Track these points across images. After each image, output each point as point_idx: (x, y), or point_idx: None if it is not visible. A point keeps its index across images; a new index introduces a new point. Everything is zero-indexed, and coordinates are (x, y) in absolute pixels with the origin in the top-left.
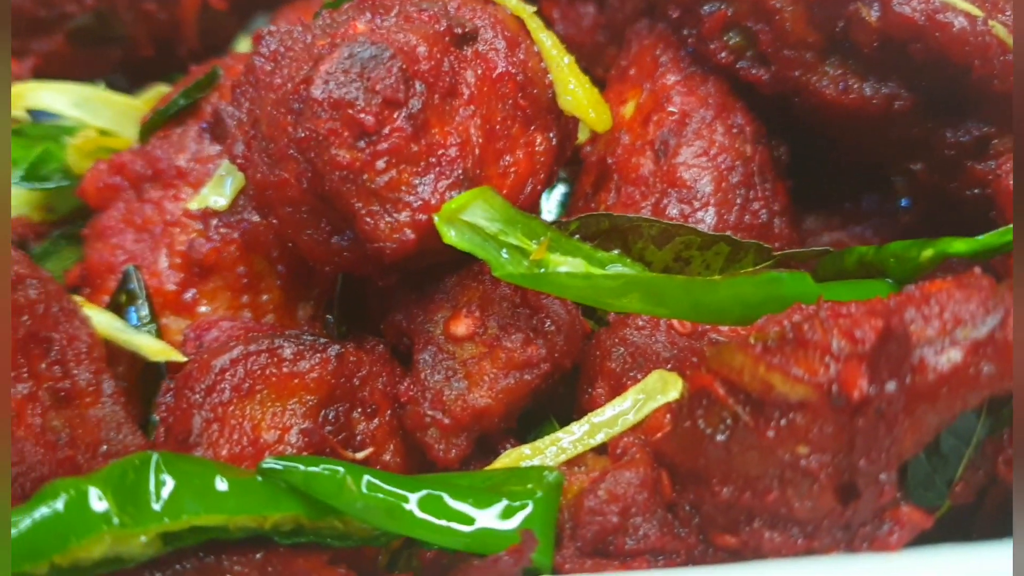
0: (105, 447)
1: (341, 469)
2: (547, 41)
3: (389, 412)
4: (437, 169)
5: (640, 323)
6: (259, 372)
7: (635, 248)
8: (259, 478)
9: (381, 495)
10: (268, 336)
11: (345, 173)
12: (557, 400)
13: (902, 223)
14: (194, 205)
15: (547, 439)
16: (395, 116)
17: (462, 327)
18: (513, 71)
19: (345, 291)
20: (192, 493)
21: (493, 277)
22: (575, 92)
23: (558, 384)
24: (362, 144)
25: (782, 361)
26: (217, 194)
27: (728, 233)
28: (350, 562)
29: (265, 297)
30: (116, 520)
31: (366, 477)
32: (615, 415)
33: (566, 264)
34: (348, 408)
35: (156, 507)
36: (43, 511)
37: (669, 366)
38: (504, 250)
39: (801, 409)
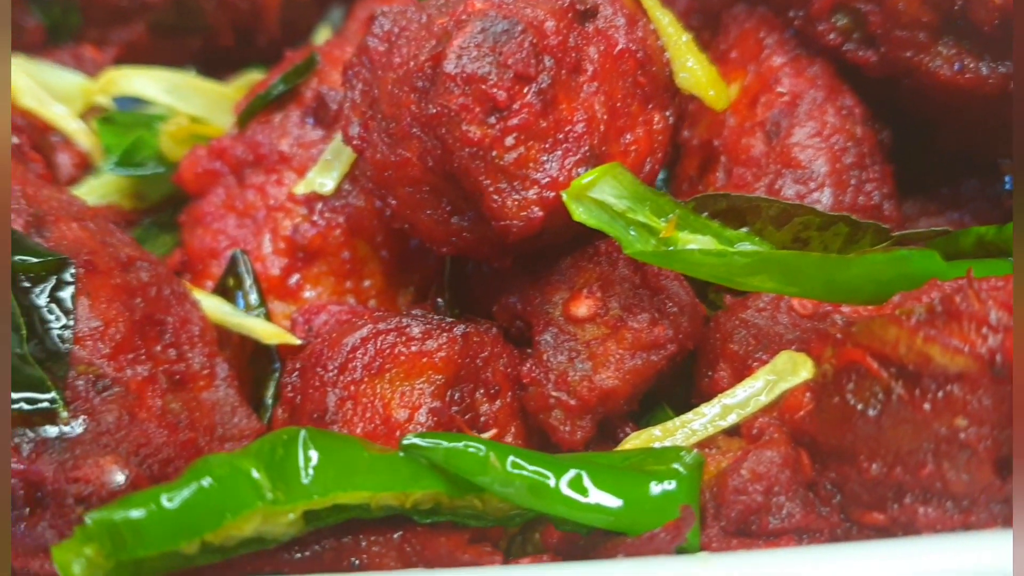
0: (220, 430)
1: (483, 447)
2: (664, 19)
3: (510, 394)
4: (565, 146)
5: (761, 305)
6: (388, 351)
7: (753, 228)
8: (401, 454)
9: (526, 473)
10: (395, 315)
11: (475, 150)
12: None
13: (1006, 206)
14: (300, 189)
15: (677, 421)
16: (525, 91)
17: (583, 308)
18: (633, 48)
19: (452, 275)
20: (338, 469)
21: (611, 258)
22: (693, 70)
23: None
24: (492, 120)
25: (939, 333)
26: (323, 178)
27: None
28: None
29: (367, 283)
30: (270, 495)
31: (511, 455)
32: (747, 396)
33: (695, 242)
34: (472, 389)
35: (306, 483)
36: (197, 487)
37: (794, 347)
38: (631, 228)
39: (959, 381)
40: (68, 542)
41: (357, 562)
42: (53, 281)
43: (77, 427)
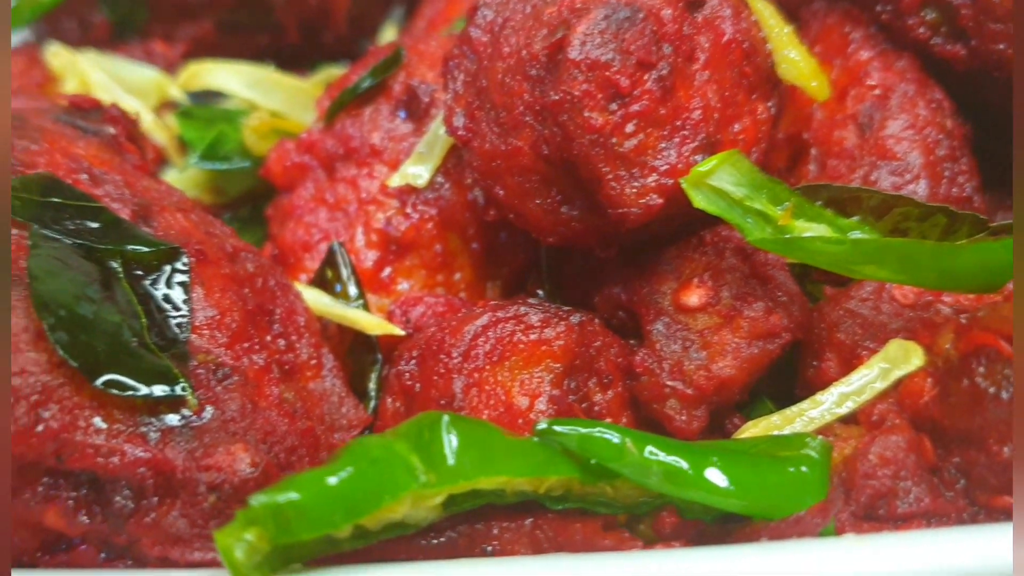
0: (329, 420)
1: (619, 434)
2: (765, 10)
3: (621, 384)
4: (682, 133)
5: (864, 295)
6: (508, 338)
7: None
8: (536, 440)
9: (663, 459)
10: (512, 303)
11: (596, 136)
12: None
13: None
14: (395, 182)
15: (795, 408)
16: (646, 79)
17: (694, 297)
18: (739, 38)
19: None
20: (479, 453)
21: (717, 248)
22: (795, 61)
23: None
24: (614, 107)
25: None
26: (418, 171)
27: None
28: None
29: (457, 276)
30: (423, 478)
31: (647, 442)
32: (863, 384)
33: (810, 230)
34: (585, 378)
35: (452, 466)
36: (356, 469)
37: (900, 336)
38: (748, 216)
39: None
40: (229, 526)
41: (490, 548)
42: (167, 271)
43: (204, 415)
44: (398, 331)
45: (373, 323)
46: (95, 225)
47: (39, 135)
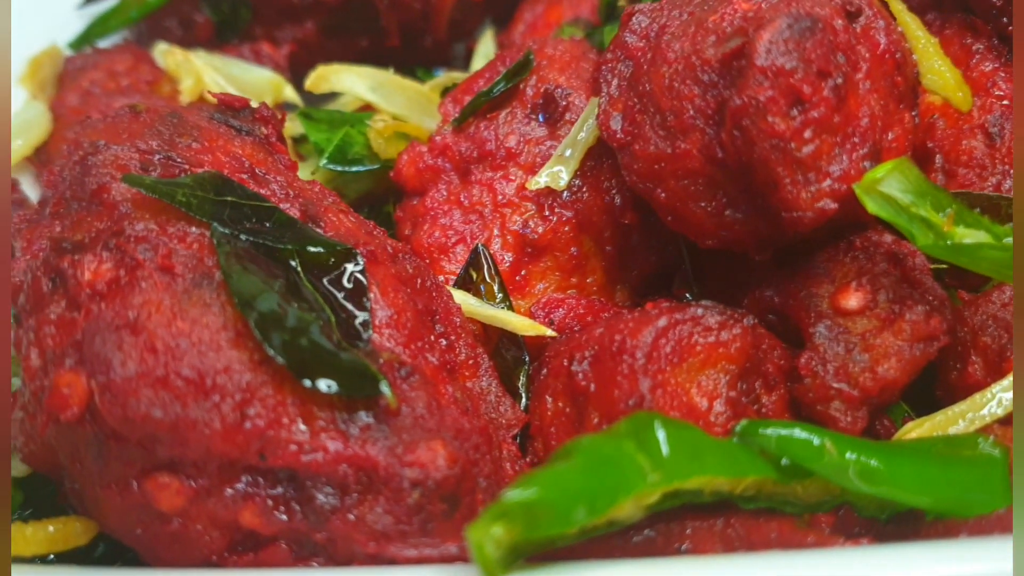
0: (490, 419)
1: (817, 435)
2: (912, 23)
3: (783, 386)
4: (853, 140)
5: (1006, 300)
6: (687, 340)
7: None
8: (735, 440)
9: (860, 458)
10: (687, 305)
11: (776, 141)
12: None
13: None
14: (534, 185)
15: (955, 410)
16: (823, 87)
17: (853, 300)
18: (892, 49)
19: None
20: (689, 453)
21: (867, 252)
22: (941, 72)
23: None
24: (794, 113)
25: None
26: (557, 174)
27: None
28: None
29: (590, 279)
30: (651, 477)
31: (843, 441)
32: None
33: (970, 236)
34: (754, 380)
35: (668, 466)
36: (590, 469)
37: None
38: (913, 221)
39: None
40: (480, 521)
41: (683, 547)
42: (344, 270)
43: (400, 414)
44: (549, 332)
45: (524, 324)
46: (269, 225)
47: (199, 133)
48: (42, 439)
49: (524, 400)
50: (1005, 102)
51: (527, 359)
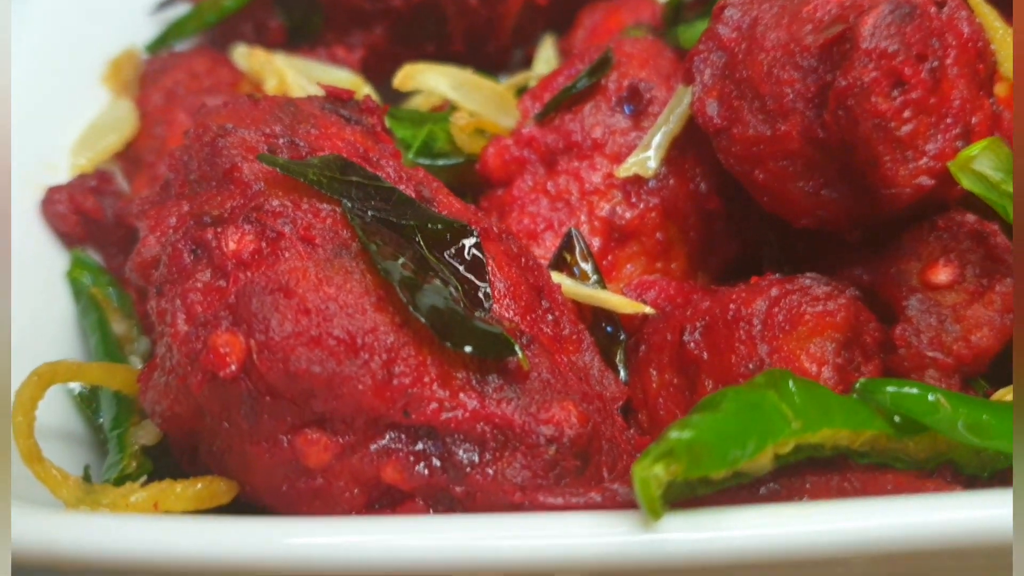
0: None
1: (931, 391)
2: (990, 14)
3: (879, 357)
4: (947, 121)
5: None
6: (797, 309)
7: None
8: (855, 396)
9: (970, 412)
10: (796, 278)
11: (879, 121)
12: None
13: None
14: (623, 172)
15: None
16: (922, 69)
17: (943, 275)
18: (975, 37)
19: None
20: (819, 407)
21: (952, 232)
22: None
23: None
24: (895, 94)
25: None
26: (645, 161)
27: None
28: None
29: (674, 264)
30: (794, 425)
31: (955, 398)
32: None
33: None
34: (854, 349)
35: (805, 416)
36: (742, 414)
37: None
38: (1003, 198)
39: None
40: (643, 460)
41: (805, 500)
42: (463, 245)
43: (529, 377)
44: (648, 309)
45: (623, 302)
46: (391, 203)
47: (315, 120)
48: (192, 399)
49: (623, 375)
50: None
51: (623, 337)
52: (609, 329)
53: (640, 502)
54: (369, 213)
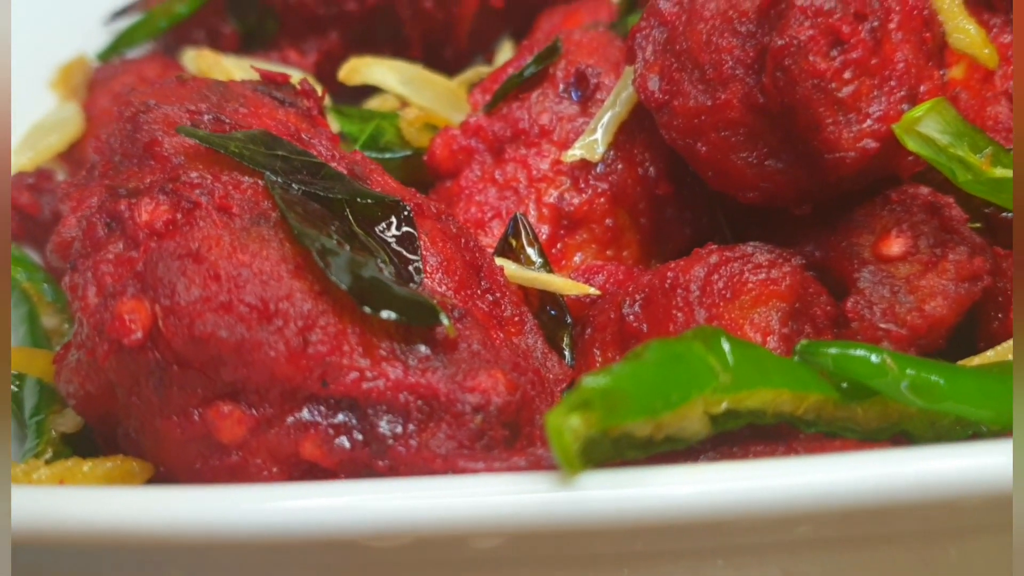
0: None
1: (877, 353)
2: None
3: (831, 333)
4: (891, 83)
5: None
6: (738, 277)
7: None
8: (796, 359)
9: (919, 373)
10: (738, 246)
11: (818, 81)
12: None
13: None
14: (570, 157)
15: (1005, 346)
16: (861, 28)
17: (895, 247)
18: (920, 5)
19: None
20: (754, 365)
21: (904, 205)
22: (967, 30)
23: None
24: (834, 54)
25: None
26: (592, 144)
27: None
28: None
29: (625, 252)
30: (722, 378)
31: (903, 359)
32: None
33: (1008, 176)
34: (803, 322)
35: (737, 372)
36: (668, 361)
37: None
38: (952, 161)
39: None
40: (557, 409)
41: None
42: (393, 221)
43: (457, 347)
44: (592, 290)
45: (568, 284)
46: (319, 177)
47: (244, 100)
48: (102, 373)
49: (568, 359)
50: None
51: (569, 320)
52: (553, 312)
53: (556, 454)
54: (295, 187)
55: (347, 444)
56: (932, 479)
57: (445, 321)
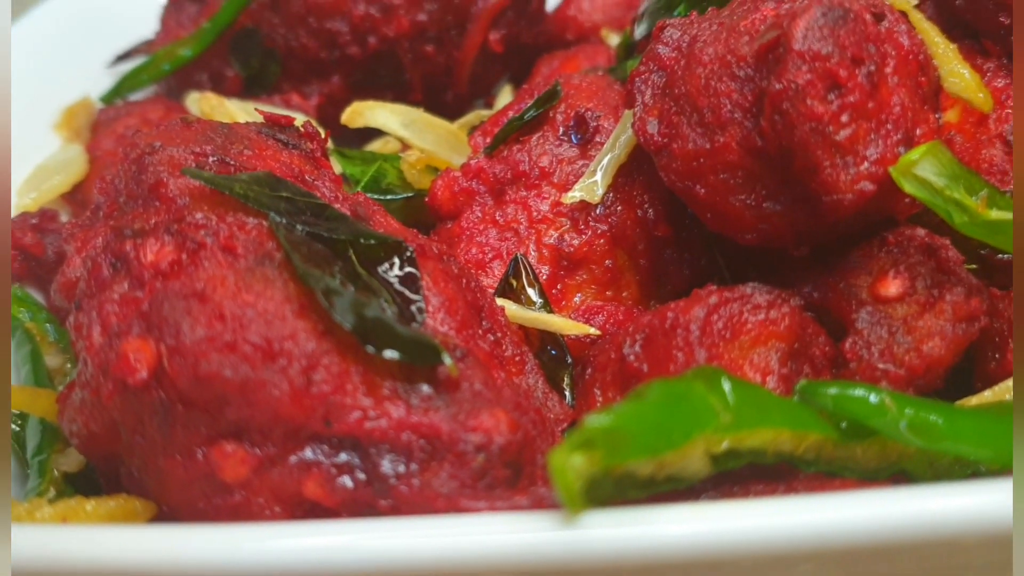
0: None
1: (876, 393)
2: (931, 30)
3: (829, 373)
4: (888, 126)
5: None
6: (737, 318)
7: None
8: (796, 399)
9: (917, 413)
10: (737, 286)
11: (815, 124)
12: None
13: None
14: (569, 198)
15: (1003, 386)
16: (857, 73)
17: (892, 288)
18: (916, 50)
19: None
20: (755, 405)
21: (902, 246)
22: (962, 75)
23: None
24: (831, 97)
25: None
26: (592, 186)
27: None
28: None
29: (625, 293)
30: (723, 417)
31: (902, 399)
32: None
33: (1005, 216)
34: (802, 362)
35: (737, 412)
36: (668, 401)
37: None
38: (948, 204)
39: None
40: (561, 448)
41: None
42: (396, 261)
43: (460, 387)
44: (592, 330)
45: (568, 324)
46: (323, 219)
47: (249, 142)
48: (106, 412)
49: (569, 399)
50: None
51: (570, 360)
52: (554, 352)
53: (559, 493)
54: (299, 228)
55: (350, 483)
56: (932, 518)
57: (447, 361)
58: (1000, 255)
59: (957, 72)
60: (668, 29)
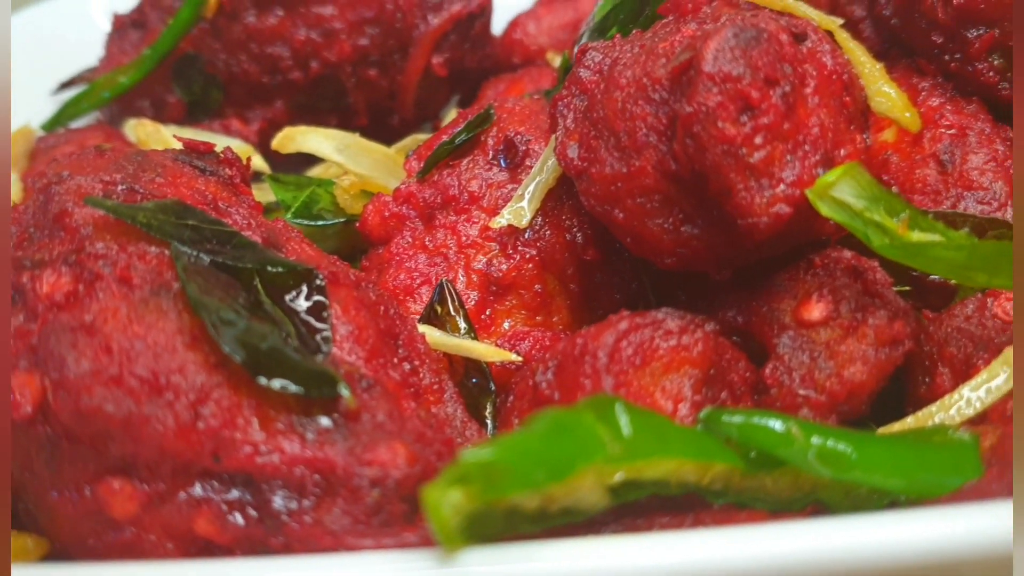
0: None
1: (782, 421)
2: (857, 49)
3: (750, 399)
4: (805, 148)
5: (968, 313)
6: (648, 343)
7: None
8: (699, 428)
9: (827, 443)
10: (649, 312)
11: (727, 147)
12: None
13: None
14: (497, 223)
15: (925, 412)
16: (772, 94)
17: (816, 312)
18: (839, 70)
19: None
20: (653, 434)
21: (827, 269)
22: (888, 94)
23: None
24: (744, 119)
25: None
26: (519, 211)
27: None
28: None
29: (555, 318)
30: (611, 448)
31: (810, 427)
32: (991, 385)
33: (926, 240)
34: (719, 389)
35: (631, 442)
36: (549, 434)
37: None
38: (868, 226)
39: None
40: (436, 484)
41: None
42: (304, 289)
43: (360, 419)
44: (515, 357)
45: (490, 351)
46: (230, 247)
47: (162, 170)
48: None
49: (491, 429)
50: (953, 131)
51: (493, 388)
52: (476, 380)
53: (434, 530)
54: (203, 256)
55: (241, 521)
56: (850, 550)
57: (344, 392)
58: (932, 276)
59: (883, 92)
60: (590, 52)
